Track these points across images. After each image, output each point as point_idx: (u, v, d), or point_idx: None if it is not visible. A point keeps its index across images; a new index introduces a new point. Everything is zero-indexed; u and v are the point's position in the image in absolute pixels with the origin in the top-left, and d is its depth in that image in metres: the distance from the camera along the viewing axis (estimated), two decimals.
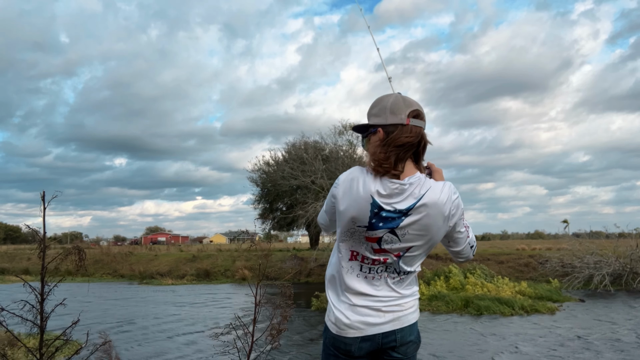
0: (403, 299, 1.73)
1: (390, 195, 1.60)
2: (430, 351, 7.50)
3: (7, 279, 22.58)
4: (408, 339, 1.74)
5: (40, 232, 1.38)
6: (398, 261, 1.68)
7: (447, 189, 1.65)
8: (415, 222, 1.60)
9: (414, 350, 1.79)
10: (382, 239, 1.63)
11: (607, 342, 7.95)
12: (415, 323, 1.78)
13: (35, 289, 1.41)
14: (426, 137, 1.70)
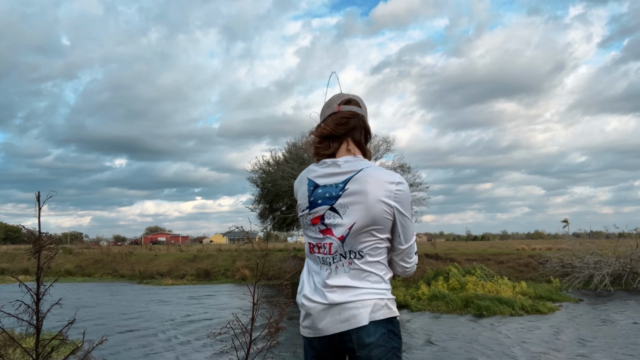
0: (359, 293, 1.62)
1: (324, 173, 1.67)
2: (430, 351, 7.49)
3: (7, 279, 22.57)
4: (367, 340, 1.59)
5: (35, 233, 1.37)
6: (342, 245, 1.63)
7: (392, 172, 1.69)
8: (353, 196, 1.61)
9: (384, 354, 1.60)
10: (324, 216, 1.64)
11: (607, 342, 7.94)
12: (379, 322, 1.62)
13: (31, 289, 1.40)
14: (365, 123, 1.79)
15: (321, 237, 1.66)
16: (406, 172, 21.83)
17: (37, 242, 1.29)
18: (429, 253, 22.38)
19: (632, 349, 7.42)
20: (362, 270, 1.64)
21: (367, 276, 1.64)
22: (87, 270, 26.17)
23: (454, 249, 28.56)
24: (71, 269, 26.09)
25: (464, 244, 44.59)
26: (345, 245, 1.63)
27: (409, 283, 15.59)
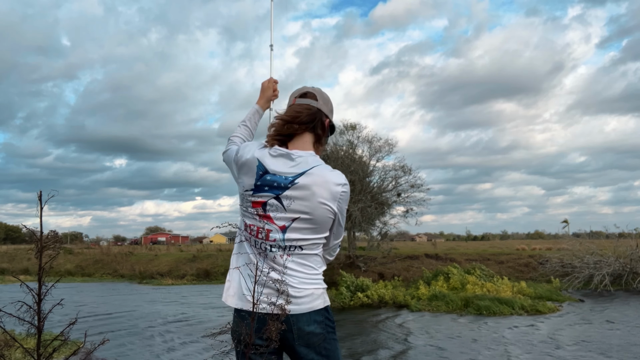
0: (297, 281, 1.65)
1: (276, 162, 1.69)
2: (429, 351, 7.49)
3: (7, 279, 22.57)
4: (306, 327, 1.64)
5: (37, 232, 1.38)
6: (283, 235, 1.65)
7: (339, 173, 1.74)
8: (301, 191, 1.64)
9: (321, 341, 1.66)
10: (267, 204, 1.67)
11: (607, 342, 7.94)
12: (317, 312, 1.67)
13: (33, 289, 1.40)
14: (322, 117, 1.81)
15: (260, 223, 1.68)
16: (407, 174, 21.81)
17: (39, 242, 1.29)
18: (429, 253, 22.38)
19: (632, 349, 7.43)
20: (299, 263, 1.68)
21: (304, 268, 1.68)
22: (87, 270, 26.17)
23: (454, 249, 28.57)
24: (71, 269, 26.09)
25: (464, 244, 44.60)
26: (285, 238, 1.66)
27: (408, 283, 15.60)
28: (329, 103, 1.86)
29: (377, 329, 9.52)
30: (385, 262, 20.71)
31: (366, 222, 20.46)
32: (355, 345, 8.10)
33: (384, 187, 22.16)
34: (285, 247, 1.66)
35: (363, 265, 20.38)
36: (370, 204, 20.49)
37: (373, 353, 7.49)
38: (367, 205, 20.24)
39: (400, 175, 21.83)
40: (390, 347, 7.84)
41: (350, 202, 20.01)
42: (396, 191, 21.85)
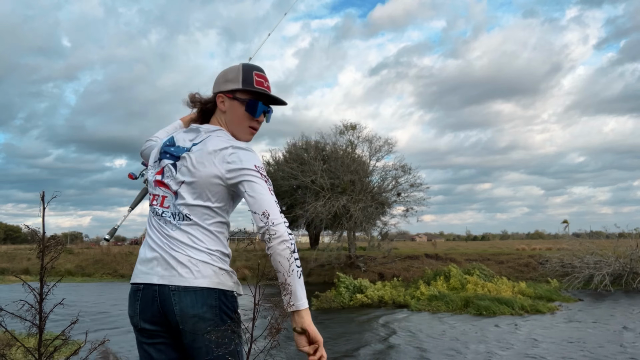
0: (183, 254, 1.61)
1: (184, 135, 1.79)
2: (429, 351, 7.50)
3: (7, 279, 22.57)
4: (192, 309, 1.55)
5: (39, 232, 1.38)
6: (175, 200, 1.68)
7: (229, 138, 1.73)
8: (191, 155, 1.68)
9: (206, 328, 1.54)
10: (164, 171, 1.74)
11: (607, 342, 7.94)
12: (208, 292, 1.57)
13: (35, 288, 1.41)
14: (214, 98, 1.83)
15: (158, 190, 1.74)
16: (407, 173, 21.83)
17: (42, 242, 1.30)
18: (429, 253, 22.40)
19: (632, 349, 7.43)
20: (187, 233, 1.65)
21: (193, 240, 1.64)
22: (87, 270, 26.18)
23: (454, 249, 28.59)
24: (71, 269, 26.10)
25: (464, 244, 44.64)
26: (176, 203, 1.68)
27: (408, 283, 15.61)
28: (219, 77, 1.84)
29: (363, 329, 9.53)
30: (385, 262, 20.71)
31: (366, 222, 20.47)
32: (338, 344, 8.11)
33: (384, 187, 22.17)
34: (176, 214, 1.67)
35: (363, 265, 20.39)
36: (371, 204, 20.50)
37: (353, 352, 7.50)
38: (368, 205, 20.25)
39: (401, 174, 21.85)
40: (372, 347, 7.86)
41: (350, 202, 20.03)
42: (396, 191, 21.86)
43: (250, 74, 1.78)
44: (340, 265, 19.31)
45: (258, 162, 1.66)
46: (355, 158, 22.13)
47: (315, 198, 20.28)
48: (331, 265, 20.18)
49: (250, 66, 1.81)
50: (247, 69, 1.79)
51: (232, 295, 1.65)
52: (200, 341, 1.56)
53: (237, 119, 1.80)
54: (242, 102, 1.78)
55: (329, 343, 8.26)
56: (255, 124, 1.83)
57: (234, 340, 1.56)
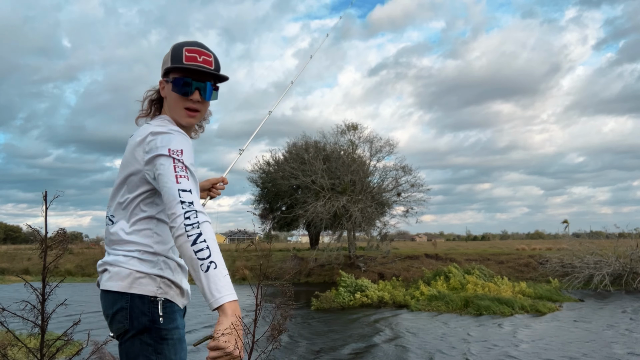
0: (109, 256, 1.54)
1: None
2: (428, 351, 7.50)
3: (8, 279, 22.56)
4: (107, 311, 1.50)
5: (41, 232, 1.39)
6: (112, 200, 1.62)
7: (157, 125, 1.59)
8: (125, 154, 1.61)
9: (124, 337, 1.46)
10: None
11: (607, 342, 7.94)
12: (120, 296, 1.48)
13: (37, 289, 1.41)
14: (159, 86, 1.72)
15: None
16: (407, 174, 21.83)
17: (44, 241, 1.30)
18: (429, 253, 22.39)
19: (632, 349, 7.43)
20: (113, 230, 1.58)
21: (114, 236, 1.57)
22: (88, 270, 26.17)
23: (454, 249, 28.57)
24: (71, 269, 26.10)
25: (464, 244, 44.61)
26: (109, 205, 1.63)
27: (408, 283, 15.61)
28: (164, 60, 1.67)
29: (363, 329, 9.52)
30: (385, 262, 20.71)
31: (366, 223, 20.46)
32: (339, 344, 8.11)
33: (384, 187, 22.17)
34: (108, 216, 1.62)
35: (363, 265, 20.39)
36: (371, 204, 20.50)
37: (353, 352, 7.50)
38: (368, 206, 20.25)
39: (401, 175, 21.85)
40: (352, 346, 7.86)
41: (350, 202, 20.03)
42: (396, 191, 21.86)
43: (180, 50, 1.61)
44: (340, 266, 19.30)
45: (176, 145, 1.49)
46: (355, 158, 22.13)
47: (315, 198, 20.28)
48: (331, 265, 20.18)
49: (183, 42, 1.65)
50: (177, 46, 1.63)
51: (152, 301, 1.50)
52: (121, 347, 1.50)
53: (172, 102, 1.65)
54: (171, 82, 1.62)
55: (330, 343, 8.26)
56: (189, 104, 1.63)
57: (146, 355, 1.44)
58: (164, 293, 1.52)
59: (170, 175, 1.41)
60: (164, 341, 1.47)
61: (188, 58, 1.60)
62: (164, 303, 1.51)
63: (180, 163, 1.44)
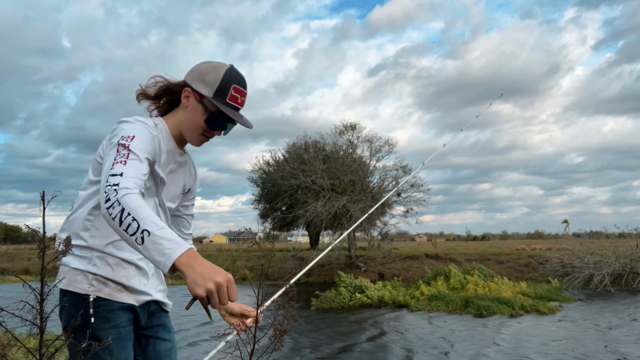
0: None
1: None
2: (428, 351, 7.49)
3: (7, 279, 22.55)
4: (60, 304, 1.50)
5: (39, 232, 1.37)
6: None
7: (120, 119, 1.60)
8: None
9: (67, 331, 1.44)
10: None
11: (607, 342, 7.94)
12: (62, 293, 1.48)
13: (35, 289, 1.39)
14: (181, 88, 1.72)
15: None
16: (407, 174, 21.82)
17: (42, 242, 1.29)
18: (429, 253, 22.38)
19: (631, 349, 7.42)
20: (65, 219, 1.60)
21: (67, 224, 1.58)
22: None
23: (454, 249, 28.57)
24: None
25: (464, 244, 44.63)
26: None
27: (408, 283, 15.60)
28: (198, 71, 1.65)
29: (363, 329, 9.51)
30: (385, 262, 20.70)
31: (366, 222, 20.46)
32: (338, 344, 8.10)
33: (384, 188, 22.16)
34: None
35: (363, 265, 20.38)
36: (371, 204, 20.48)
37: (353, 352, 7.49)
38: (368, 206, 20.24)
39: (401, 175, 21.85)
40: (352, 345, 7.85)
41: (350, 202, 20.02)
42: (396, 191, 21.85)
43: (228, 87, 1.61)
44: (340, 266, 19.30)
45: (131, 131, 1.47)
46: (355, 158, 22.13)
47: (315, 198, 20.28)
48: (331, 265, 20.17)
49: (232, 77, 1.63)
50: (227, 79, 1.62)
51: (84, 299, 1.47)
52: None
53: (193, 123, 1.65)
54: (205, 110, 1.62)
55: (329, 342, 8.25)
56: (209, 135, 1.69)
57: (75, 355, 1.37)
58: (97, 291, 1.48)
59: (108, 163, 1.37)
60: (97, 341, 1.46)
61: (231, 97, 1.62)
62: (97, 301, 1.48)
63: (124, 149, 1.40)
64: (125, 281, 1.54)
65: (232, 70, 1.65)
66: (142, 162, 1.42)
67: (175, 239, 1.21)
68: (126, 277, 1.55)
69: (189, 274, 1.16)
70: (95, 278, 1.50)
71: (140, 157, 1.42)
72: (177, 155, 1.72)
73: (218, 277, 1.17)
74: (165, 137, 1.65)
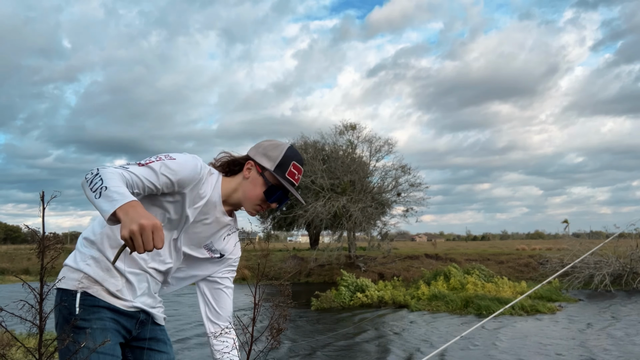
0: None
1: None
2: (428, 351, 7.49)
3: (7, 279, 22.56)
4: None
5: (39, 232, 1.38)
6: None
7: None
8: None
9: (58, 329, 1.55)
10: None
11: (607, 342, 7.94)
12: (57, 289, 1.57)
13: (35, 289, 1.41)
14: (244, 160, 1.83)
15: None
16: (407, 173, 21.84)
17: (41, 242, 1.30)
18: (429, 253, 22.39)
19: (632, 349, 7.43)
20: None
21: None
22: None
23: (454, 249, 28.58)
24: None
25: (464, 243, 44.63)
26: None
27: (408, 283, 15.61)
28: (263, 147, 1.79)
29: (362, 328, 9.52)
30: (385, 262, 20.72)
31: (366, 222, 20.47)
32: (338, 344, 8.10)
33: (384, 187, 22.18)
34: None
35: (363, 265, 20.39)
36: (371, 204, 20.50)
37: (353, 351, 7.50)
38: (368, 205, 20.25)
39: (400, 175, 21.86)
40: (352, 345, 7.86)
41: (350, 202, 20.03)
42: (396, 191, 21.87)
43: (288, 163, 1.74)
44: (340, 266, 19.31)
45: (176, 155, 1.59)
46: (355, 158, 22.14)
47: (315, 198, 20.28)
48: (331, 266, 20.19)
49: (293, 154, 1.76)
50: (288, 156, 1.75)
51: (72, 294, 1.54)
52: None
53: (252, 193, 1.75)
54: (265, 182, 1.74)
55: (329, 342, 8.26)
56: (265, 206, 1.78)
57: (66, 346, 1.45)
58: (85, 287, 1.54)
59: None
60: (81, 330, 1.49)
61: (290, 173, 1.74)
62: (83, 295, 1.53)
63: (154, 158, 1.54)
64: (112, 288, 1.58)
65: (292, 149, 1.78)
66: (158, 176, 1.52)
67: (126, 194, 1.30)
68: (114, 286, 1.59)
69: (122, 218, 1.23)
70: (86, 277, 1.56)
71: (160, 172, 1.52)
72: (220, 214, 1.75)
73: (143, 220, 1.21)
74: (214, 186, 1.72)
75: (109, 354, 1.52)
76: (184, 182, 1.58)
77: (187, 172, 1.58)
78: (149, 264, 1.66)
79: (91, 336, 1.49)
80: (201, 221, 1.71)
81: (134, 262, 1.62)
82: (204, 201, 1.67)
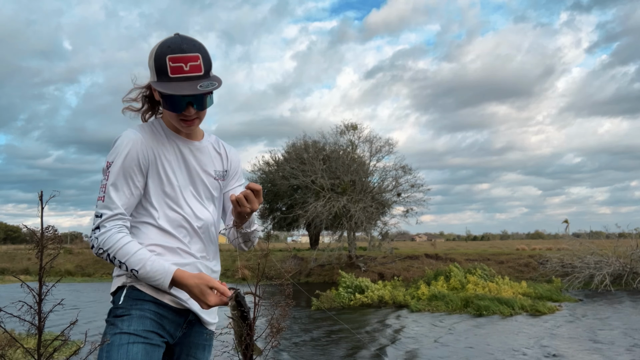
0: None
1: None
2: (428, 351, 7.49)
3: (7, 279, 22.56)
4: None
5: (37, 232, 1.38)
6: None
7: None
8: None
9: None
10: None
11: (607, 342, 7.94)
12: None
13: (34, 289, 1.40)
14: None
15: None
16: (407, 174, 21.83)
17: (40, 241, 1.29)
18: (429, 253, 22.38)
19: (632, 349, 7.43)
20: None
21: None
22: (87, 270, 26.18)
23: (454, 249, 28.58)
24: (71, 269, 26.10)
25: (464, 244, 44.61)
26: None
27: (408, 283, 15.60)
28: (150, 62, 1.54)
29: (362, 328, 9.52)
30: (385, 262, 20.71)
31: (367, 222, 20.47)
32: (338, 344, 8.10)
33: (384, 188, 22.17)
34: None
35: (363, 265, 20.38)
36: (371, 204, 20.50)
37: (353, 351, 7.50)
38: (368, 206, 20.25)
39: (401, 175, 21.86)
40: (351, 345, 7.86)
41: (350, 202, 20.03)
42: (396, 191, 21.87)
43: (164, 62, 1.45)
44: (340, 266, 19.31)
45: (111, 157, 1.51)
46: (355, 158, 22.13)
47: (315, 198, 20.28)
48: (331, 265, 20.18)
49: (165, 48, 1.46)
50: (160, 54, 1.46)
51: (120, 288, 1.58)
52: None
53: (167, 114, 1.60)
54: (163, 98, 1.51)
55: (329, 342, 8.26)
56: (184, 117, 1.54)
57: (105, 332, 1.54)
58: (132, 282, 1.56)
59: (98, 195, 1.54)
60: (118, 318, 1.52)
61: (173, 70, 1.44)
62: (129, 289, 1.56)
63: (104, 181, 1.52)
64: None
65: (164, 42, 1.48)
66: (118, 190, 1.51)
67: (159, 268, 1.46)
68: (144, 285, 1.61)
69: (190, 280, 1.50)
70: (121, 272, 1.61)
71: (117, 184, 1.51)
72: (181, 143, 1.64)
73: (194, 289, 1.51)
74: (163, 134, 1.62)
75: (142, 336, 1.48)
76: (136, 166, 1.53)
77: (134, 159, 1.52)
78: (191, 248, 1.63)
79: (127, 320, 1.50)
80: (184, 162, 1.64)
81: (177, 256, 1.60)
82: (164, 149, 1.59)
